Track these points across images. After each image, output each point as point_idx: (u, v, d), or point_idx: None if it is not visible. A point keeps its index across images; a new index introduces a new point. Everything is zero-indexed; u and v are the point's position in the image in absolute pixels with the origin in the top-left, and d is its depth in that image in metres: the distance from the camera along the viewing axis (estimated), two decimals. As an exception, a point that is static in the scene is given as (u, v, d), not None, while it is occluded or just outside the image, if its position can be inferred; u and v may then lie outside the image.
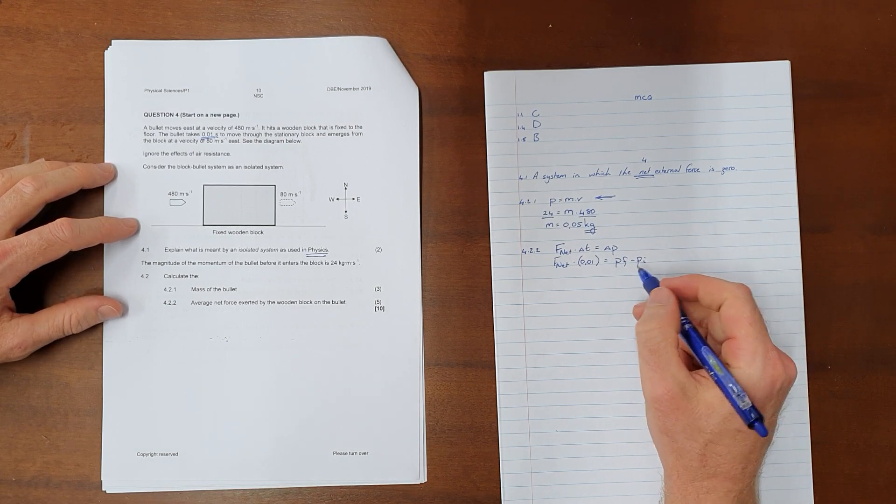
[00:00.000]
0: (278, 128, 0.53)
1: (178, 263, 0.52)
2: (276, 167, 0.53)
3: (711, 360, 0.45)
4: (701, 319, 0.49)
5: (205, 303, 0.52)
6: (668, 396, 0.45)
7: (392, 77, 0.53)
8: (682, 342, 0.48)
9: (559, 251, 0.52)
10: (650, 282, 0.50)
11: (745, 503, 0.45)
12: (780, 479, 0.51)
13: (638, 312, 0.51)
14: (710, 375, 0.45)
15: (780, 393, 0.45)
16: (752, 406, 0.43)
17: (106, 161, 0.52)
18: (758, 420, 0.43)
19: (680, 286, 0.48)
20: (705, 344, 0.46)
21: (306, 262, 0.52)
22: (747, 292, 0.46)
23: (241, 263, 0.52)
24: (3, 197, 0.47)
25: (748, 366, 0.44)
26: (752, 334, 0.45)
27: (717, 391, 0.44)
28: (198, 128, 0.53)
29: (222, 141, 0.53)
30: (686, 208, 0.52)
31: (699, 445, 0.44)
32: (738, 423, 0.44)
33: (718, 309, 0.47)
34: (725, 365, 0.45)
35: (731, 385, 0.44)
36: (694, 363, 0.48)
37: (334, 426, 0.51)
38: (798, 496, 0.51)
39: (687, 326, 0.47)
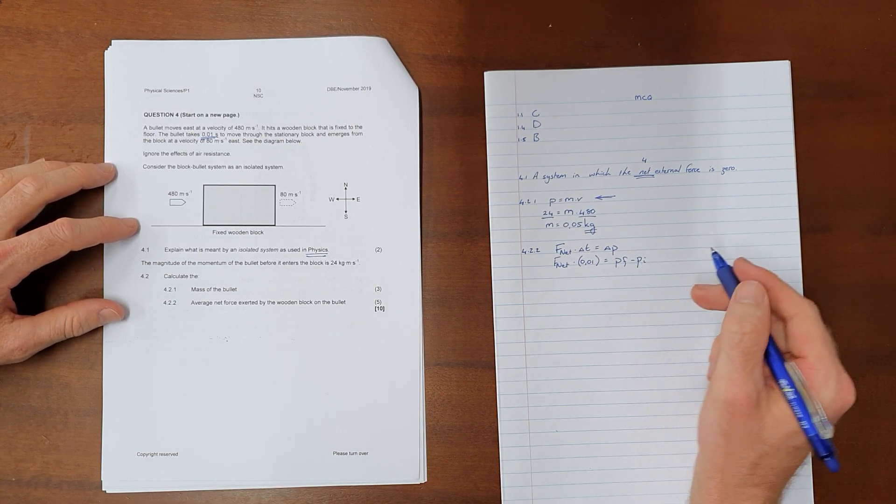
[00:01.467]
0: (278, 128, 0.53)
1: (178, 263, 0.52)
2: (276, 167, 0.53)
3: (794, 378, 0.43)
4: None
5: (205, 303, 0.52)
6: (745, 402, 0.43)
7: (392, 77, 0.53)
8: None
9: (559, 251, 0.52)
10: (725, 272, 0.48)
11: None
12: (780, 479, 0.51)
13: (700, 295, 0.50)
14: (786, 394, 0.43)
15: (841, 416, 0.44)
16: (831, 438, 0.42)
17: (106, 161, 0.52)
18: (832, 454, 0.42)
19: (756, 279, 0.46)
20: (786, 360, 0.44)
21: (306, 262, 0.52)
22: (818, 311, 0.45)
23: (241, 263, 0.52)
24: (3, 197, 0.47)
25: (821, 389, 0.42)
26: (825, 356, 0.43)
27: (786, 405, 0.43)
28: (198, 128, 0.53)
29: (222, 141, 0.53)
30: (686, 208, 0.52)
31: (755, 455, 0.43)
32: (800, 440, 0.43)
33: (786, 320, 0.45)
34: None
35: (815, 410, 0.42)
36: None
37: (334, 426, 0.51)
38: (798, 496, 0.51)
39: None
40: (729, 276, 0.48)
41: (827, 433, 0.42)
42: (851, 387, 0.43)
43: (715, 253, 0.50)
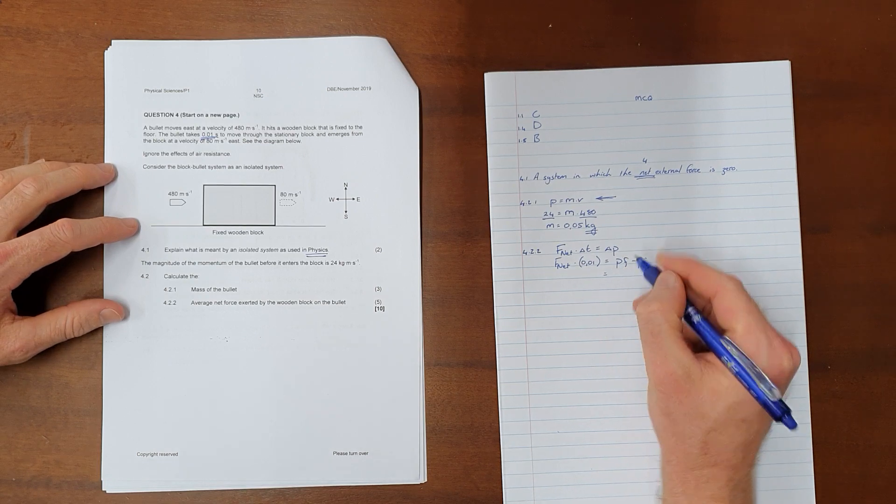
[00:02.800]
0: (278, 128, 0.53)
1: (178, 263, 0.52)
2: (276, 167, 0.53)
3: (732, 351, 0.44)
4: (701, 307, 0.49)
5: (205, 303, 0.52)
6: (671, 379, 0.45)
7: (392, 77, 0.53)
8: (688, 329, 0.47)
9: (560, 252, 0.52)
10: (651, 272, 0.50)
11: (744, 490, 0.45)
12: (781, 479, 0.51)
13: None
14: (730, 367, 0.44)
15: (786, 381, 0.44)
16: (781, 399, 0.42)
17: (106, 161, 0.52)
18: (786, 413, 0.42)
19: (676, 269, 0.48)
20: (721, 335, 0.45)
21: (306, 262, 0.52)
22: (739, 284, 0.46)
23: (241, 263, 0.52)
24: (4, 198, 0.47)
25: (754, 357, 0.44)
26: (752, 324, 0.44)
27: (724, 378, 0.44)
28: (198, 128, 0.53)
29: (222, 141, 0.53)
30: (687, 209, 0.52)
31: (701, 432, 0.44)
32: (744, 412, 0.43)
33: (710, 299, 0.47)
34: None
35: (757, 375, 0.43)
36: (700, 347, 0.47)
37: (334, 426, 0.51)
38: (799, 496, 0.51)
39: (697, 319, 0.47)
40: (655, 275, 0.49)
41: (774, 395, 0.43)
42: (786, 351, 0.44)
43: (639, 259, 0.51)
